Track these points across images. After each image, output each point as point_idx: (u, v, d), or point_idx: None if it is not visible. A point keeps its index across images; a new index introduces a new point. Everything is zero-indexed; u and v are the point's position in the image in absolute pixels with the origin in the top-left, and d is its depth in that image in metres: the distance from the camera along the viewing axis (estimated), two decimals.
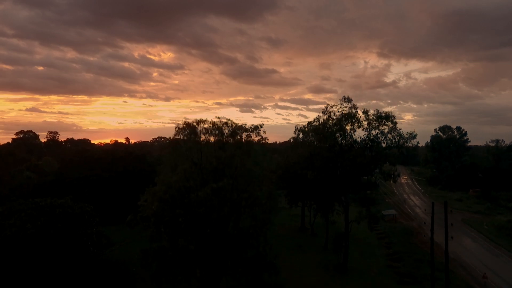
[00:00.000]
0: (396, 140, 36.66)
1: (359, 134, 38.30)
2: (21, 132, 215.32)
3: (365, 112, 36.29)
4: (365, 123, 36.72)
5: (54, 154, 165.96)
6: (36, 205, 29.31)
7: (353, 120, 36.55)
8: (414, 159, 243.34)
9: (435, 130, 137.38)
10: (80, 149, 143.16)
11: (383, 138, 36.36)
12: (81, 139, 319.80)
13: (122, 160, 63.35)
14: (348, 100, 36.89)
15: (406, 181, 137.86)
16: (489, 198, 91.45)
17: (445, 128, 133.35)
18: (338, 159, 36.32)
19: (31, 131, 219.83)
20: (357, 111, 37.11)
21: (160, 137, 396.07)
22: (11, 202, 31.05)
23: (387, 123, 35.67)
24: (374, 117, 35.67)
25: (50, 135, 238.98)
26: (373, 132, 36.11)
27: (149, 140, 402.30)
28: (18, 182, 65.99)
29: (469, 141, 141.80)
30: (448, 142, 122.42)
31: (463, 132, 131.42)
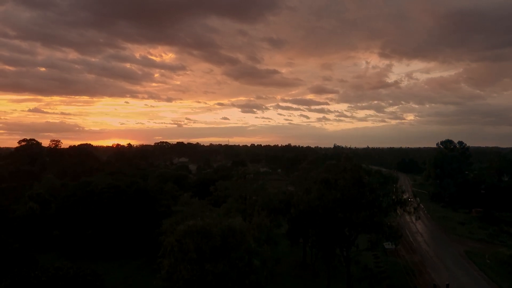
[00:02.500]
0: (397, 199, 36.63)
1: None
2: (23, 140, 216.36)
3: (368, 172, 36.18)
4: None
5: (56, 166, 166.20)
6: (38, 279, 29.40)
7: (355, 176, 36.53)
8: (417, 166, 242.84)
9: (437, 144, 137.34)
10: (82, 166, 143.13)
11: (384, 198, 36.29)
12: (83, 144, 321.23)
13: (124, 193, 63.46)
14: (349, 158, 36.78)
15: (408, 196, 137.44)
16: (492, 220, 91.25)
17: (447, 143, 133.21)
18: (338, 219, 36.24)
19: (33, 139, 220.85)
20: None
21: (162, 142, 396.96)
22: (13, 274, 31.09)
23: (389, 183, 35.61)
24: (376, 178, 35.59)
25: (52, 143, 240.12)
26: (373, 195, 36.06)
27: (152, 144, 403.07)
28: (21, 214, 66.40)
29: (471, 155, 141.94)
30: (451, 159, 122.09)
31: (466, 147, 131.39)
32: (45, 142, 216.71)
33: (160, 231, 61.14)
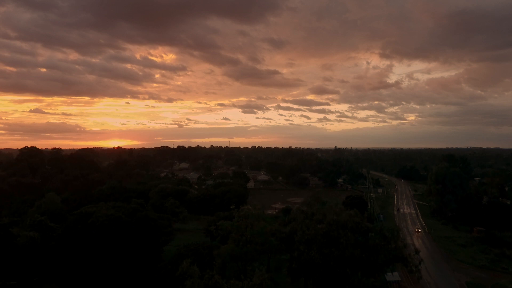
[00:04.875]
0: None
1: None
2: (25, 148, 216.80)
3: (369, 229, 36.04)
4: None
5: (57, 176, 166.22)
6: None
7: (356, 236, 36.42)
8: (418, 174, 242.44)
9: (440, 158, 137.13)
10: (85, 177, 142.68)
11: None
12: (84, 149, 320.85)
13: (125, 225, 63.44)
14: (351, 215, 36.68)
15: (409, 210, 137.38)
16: (493, 242, 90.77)
17: (449, 157, 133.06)
18: (339, 275, 36.12)
19: (34, 147, 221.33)
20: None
21: (163, 146, 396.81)
22: None
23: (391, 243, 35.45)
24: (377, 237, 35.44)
25: (54, 150, 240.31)
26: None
27: (153, 144, 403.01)
28: (22, 243, 66.33)
29: (473, 169, 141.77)
30: (452, 175, 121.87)
31: (467, 162, 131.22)
32: (47, 143, 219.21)
33: (162, 265, 61.24)
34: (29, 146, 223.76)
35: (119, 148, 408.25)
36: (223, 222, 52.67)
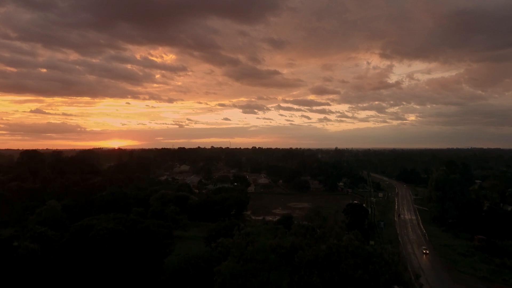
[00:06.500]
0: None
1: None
2: (26, 152, 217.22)
3: (370, 254, 35.97)
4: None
5: (58, 180, 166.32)
6: None
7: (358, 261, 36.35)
8: (419, 176, 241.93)
9: (440, 163, 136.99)
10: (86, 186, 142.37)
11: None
12: (84, 151, 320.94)
13: (126, 238, 63.46)
14: (351, 239, 36.62)
15: (410, 216, 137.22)
16: (494, 251, 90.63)
17: (450, 164, 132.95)
18: None
19: (35, 150, 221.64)
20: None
21: (163, 148, 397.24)
22: None
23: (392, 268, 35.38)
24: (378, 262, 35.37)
25: (55, 153, 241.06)
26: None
27: (154, 144, 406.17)
28: (22, 255, 66.32)
29: (474, 172, 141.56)
30: (452, 182, 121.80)
31: (468, 167, 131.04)
32: (47, 143, 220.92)
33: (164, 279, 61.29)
34: (30, 146, 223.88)
35: (119, 149, 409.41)
36: (223, 240, 52.68)
